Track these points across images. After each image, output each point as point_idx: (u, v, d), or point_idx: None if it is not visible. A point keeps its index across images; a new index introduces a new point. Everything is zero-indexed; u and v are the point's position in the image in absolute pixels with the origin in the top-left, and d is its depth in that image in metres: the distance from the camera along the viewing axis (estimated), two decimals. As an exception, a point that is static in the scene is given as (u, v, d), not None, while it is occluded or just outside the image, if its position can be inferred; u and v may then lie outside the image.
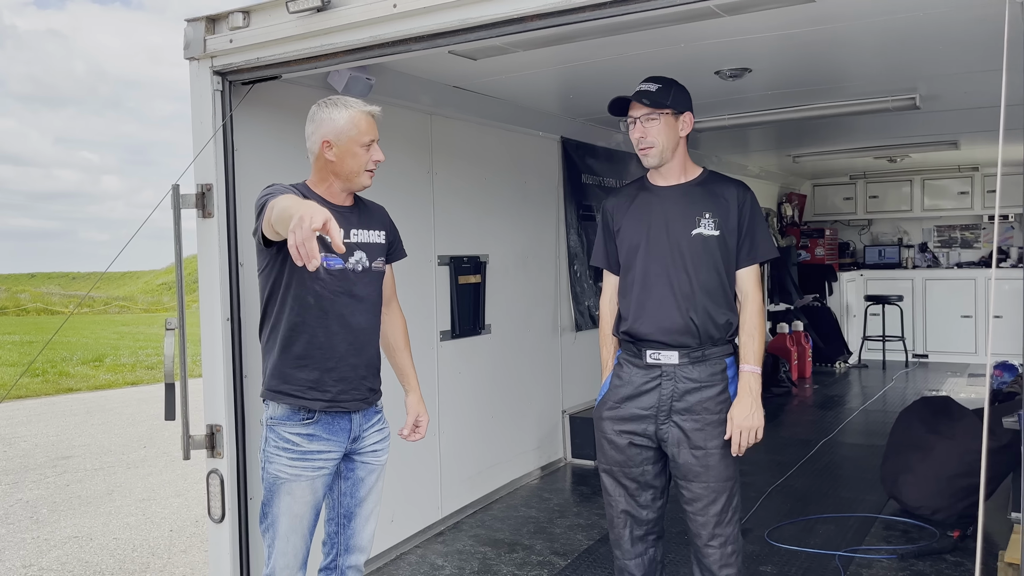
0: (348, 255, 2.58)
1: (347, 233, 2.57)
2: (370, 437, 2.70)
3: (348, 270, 2.58)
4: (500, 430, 5.18)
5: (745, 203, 2.74)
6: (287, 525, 2.56)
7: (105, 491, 6.09)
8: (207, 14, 3.02)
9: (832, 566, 3.94)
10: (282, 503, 2.55)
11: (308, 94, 3.64)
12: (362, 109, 2.57)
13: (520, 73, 4.17)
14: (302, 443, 2.54)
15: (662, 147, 2.70)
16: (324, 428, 2.57)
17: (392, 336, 2.88)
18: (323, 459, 2.58)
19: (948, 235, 10.66)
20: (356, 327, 2.60)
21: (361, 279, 2.62)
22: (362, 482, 2.71)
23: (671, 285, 2.70)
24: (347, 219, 2.60)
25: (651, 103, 2.67)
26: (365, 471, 2.71)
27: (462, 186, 4.81)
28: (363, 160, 2.57)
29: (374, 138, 2.58)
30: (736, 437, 2.64)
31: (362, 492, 2.72)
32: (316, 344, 2.55)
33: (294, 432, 2.54)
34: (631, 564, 2.85)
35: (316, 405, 2.55)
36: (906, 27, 3.46)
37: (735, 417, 2.65)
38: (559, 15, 2.49)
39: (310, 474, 2.55)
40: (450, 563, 4.13)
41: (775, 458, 5.87)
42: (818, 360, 9.73)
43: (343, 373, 2.58)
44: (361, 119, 2.55)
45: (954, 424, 4.49)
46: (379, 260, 2.70)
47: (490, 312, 5.03)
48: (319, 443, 2.56)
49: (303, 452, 2.54)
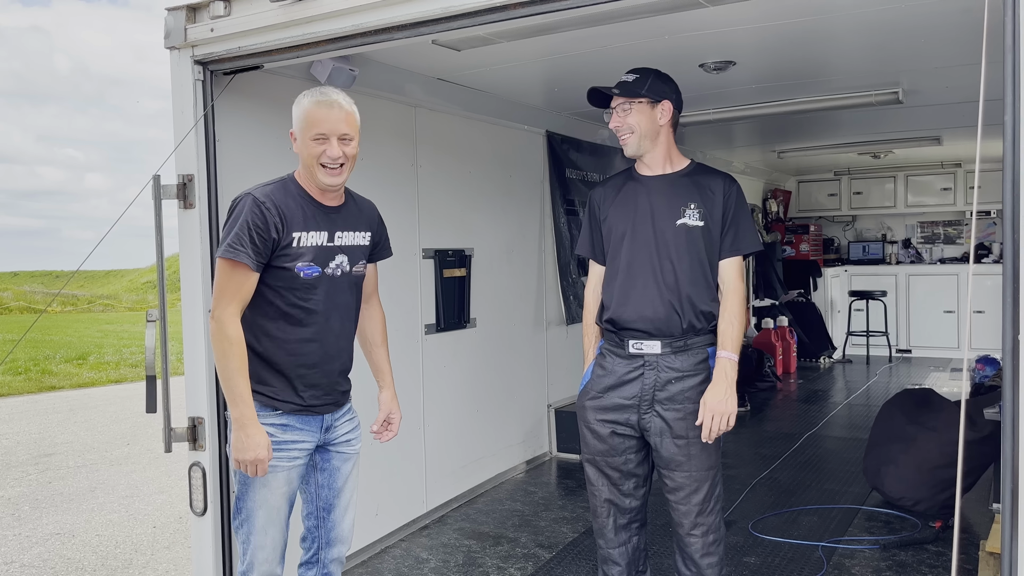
0: (328, 259, 2.51)
1: (331, 235, 2.52)
2: (342, 427, 2.66)
3: (326, 276, 2.51)
4: (485, 424, 5.18)
5: (731, 195, 2.75)
6: (264, 518, 2.52)
7: (88, 488, 6.04)
8: (188, 2, 2.99)
9: (815, 557, 3.95)
10: (258, 496, 2.51)
11: (291, 84, 3.63)
12: (317, 99, 2.43)
13: (505, 65, 4.16)
14: (277, 433, 2.50)
15: (639, 135, 2.72)
16: (297, 419, 2.54)
17: (370, 331, 2.82)
18: (298, 449, 2.54)
19: (931, 231, 10.74)
20: (331, 334, 2.55)
21: (339, 284, 2.55)
22: (338, 471, 2.67)
23: (655, 274, 2.71)
24: (331, 220, 2.53)
25: (624, 93, 2.71)
26: (340, 460, 2.67)
27: (447, 179, 4.80)
28: (315, 154, 2.43)
29: (325, 132, 2.41)
30: (708, 421, 2.59)
31: (339, 482, 2.67)
32: (289, 351, 2.49)
33: (268, 423, 2.49)
34: (615, 553, 2.86)
35: (287, 407, 2.51)
36: (889, 19, 3.48)
37: (708, 401, 2.61)
38: (541, 3, 2.48)
39: (286, 464, 2.51)
40: (435, 556, 4.12)
41: (760, 451, 5.90)
42: (803, 355, 9.78)
43: (315, 380, 2.53)
44: (313, 111, 2.42)
45: (936, 416, 4.52)
46: (361, 263, 2.63)
47: (475, 305, 5.03)
48: (293, 433, 2.53)
49: (279, 442, 2.50)
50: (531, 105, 5.36)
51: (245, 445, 2.38)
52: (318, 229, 2.49)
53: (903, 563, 3.86)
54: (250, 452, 2.37)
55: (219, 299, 2.39)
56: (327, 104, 2.41)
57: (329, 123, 2.40)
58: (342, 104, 2.43)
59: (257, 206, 2.39)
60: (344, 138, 2.44)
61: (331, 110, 2.41)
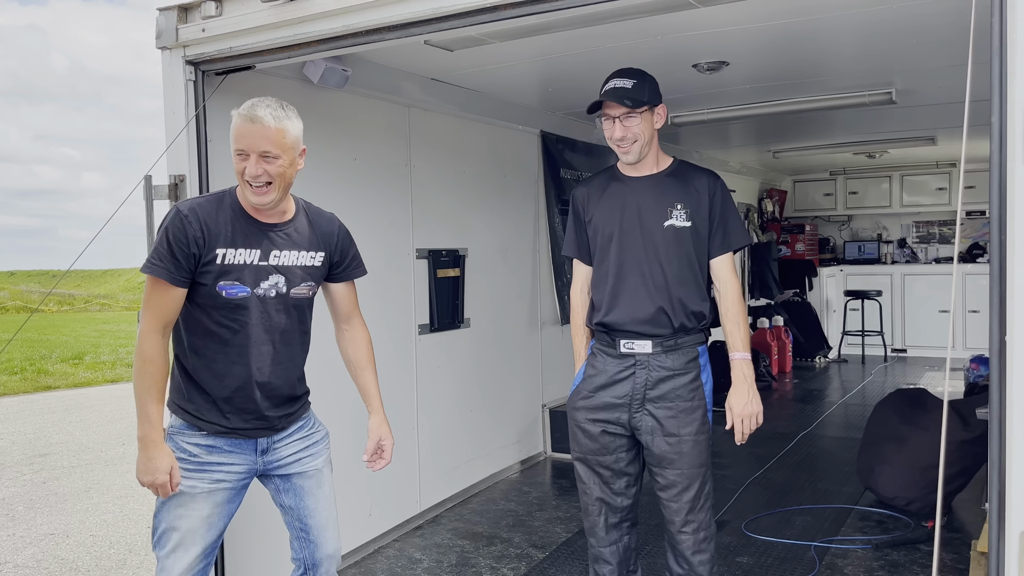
0: (259, 279, 2.35)
1: (265, 254, 2.35)
2: (286, 449, 2.50)
3: (256, 296, 2.36)
4: (479, 424, 5.18)
5: (716, 192, 2.75)
6: (176, 540, 2.36)
7: (83, 488, 6.04)
8: (179, 2, 2.99)
9: (808, 557, 3.96)
10: (171, 515, 2.37)
11: (283, 84, 3.64)
12: (243, 113, 2.26)
13: (498, 66, 4.16)
14: (200, 454, 2.37)
15: (642, 143, 2.71)
16: (225, 442, 2.40)
17: (353, 354, 2.67)
18: (224, 471, 2.40)
19: (926, 231, 10.76)
20: (261, 357, 2.39)
21: (273, 306, 2.39)
22: (304, 492, 2.53)
23: (644, 276, 2.72)
24: (268, 238, 2.37)
25: (632, 103, 2.64)
26: (302, 479, 2.52)
27: (441, 179, 4.80)
28: (239, 171, 2.28)
29: (244, 149, 2.25)
30: (739, 425, 2.66)
31: (309, 503, 2.53)
32: (214, 372, 2.37)
33: (192, 442, 2.38)
34: (606, 551, 2.86)
35: (211, 428, 2.38)
36: (881, 20, 3.49)
37: (734, 406, 2.66)
38: (532, 3, 2.48)
39: (207, 486, 2.37)
40: (428, 556, 4.13)
41: (754, 451, 5.90)
42: (798, 355, 9.79)
43: (242, 404, 2.39)
44: (237, 125, 2.26)
45: (929, 416, 4.53)
46: (306, 285, 2.46)
47: (469, 305, 5.03)
48: (220, 455, 2.40)
49: (201, 463, 2.37)
50: (525, 105, 5.36)
51: (145, 468, 2.27)
52: (248, 247, 2.34)
53: (895, 563, 3.87)
54: (148, 475, 2.27)
55: (142, 314, 2.30)
56: (250, 119, 2.24)
57: (249, 139, 2.24)
58: (266, 120, 2.23)
59: (179, 219, 2.28)
60: (266, 155, 2.24)
61: (252, 125, 2.24)
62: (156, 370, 2.27)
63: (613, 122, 2.69)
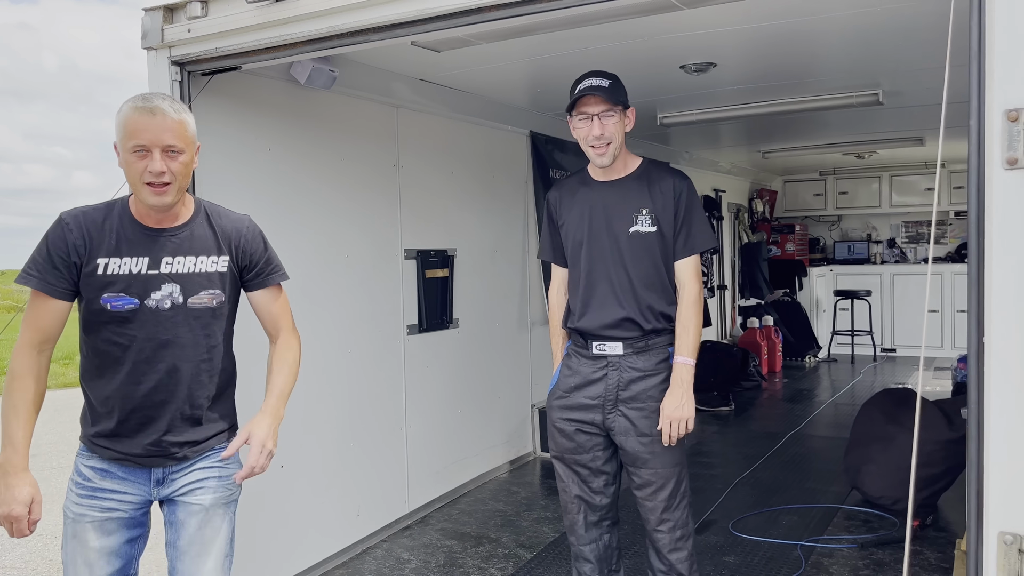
0: (149, 290, 2.14)
1: (154, 262, 2.15)
2: (183, 479, 2.26)
3: (146, 308, 2.14)
4: (468, 424, 5.19)
5: (682, 194, 2.76)
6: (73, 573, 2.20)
7: (70, 488, 6.02)
8: (165, 3, 2.98)
9: (794, 556, 3.98)
10: (69, 547, 2.21)
11: (270, 85, 3.64)
12: (137, 105, 2.08)
13: (486, 66, 4.17)
14: (94, 478, 2.20)
15: (616, 145, 2.73)
16: (119, 468, 2.22)
17: (271, 361, 2.37)
18: (116, 500, 2.21)
19: (916, 231, 10.82)
20: (158, 376, 2.17)
21: (168, 319, 2.16)
22: (182, 527, 2.25)
23: (611, 282, 2.76)
24: (158, 244, 2.17)
25: (610, 99, 2.67)
26: (185, 513, 2.25)
27: (429, 180, 4.80)
28: (138, 171, 2.07)
29: (145, 144, 2.06)
30: (667, 427, 2.68)
31: (183, 540, 2.24)
32: (106, 393, 2.18)
33: (88, 464, 2.22)
34: (586, 549, 2.89)
35: (105, 454, 2.20)
36: (866, 22, 3.51)
37: (665, 408, 2.69)
38: (517, 5, 2.49)
39: (97, 515, 2.19)
40: (416, 556, 4.13)
41: (742, 451, 5.92)
42: (788, 354, 9.82)
43: (135, 428, 2.19)
44: (132, 119, 2.06)
45: (915, 415, 4.54)
46: (207, 294, 2.22)
47: (458, 306, 5.03)
48: (113, 481, 2.21)
49: (93, 489, 2.20)
50: (514, 105, 5.36)
51: (2, 497, 2.08)
52: (134, 255, 2.15)
53: (880, 562, 3.89)
54: (4, 506, 2.07)
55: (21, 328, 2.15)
56: (148, 111, 2.06)
57: (151, 133, 2.05)
58: (167, 111, 2.08)
59: (60, 226, 2.12)
60: (170, 150, 2.08)
61: (153, 118, 2.06)
62: (22, 387, 2.13)
63: (591, 120, 2.69)
